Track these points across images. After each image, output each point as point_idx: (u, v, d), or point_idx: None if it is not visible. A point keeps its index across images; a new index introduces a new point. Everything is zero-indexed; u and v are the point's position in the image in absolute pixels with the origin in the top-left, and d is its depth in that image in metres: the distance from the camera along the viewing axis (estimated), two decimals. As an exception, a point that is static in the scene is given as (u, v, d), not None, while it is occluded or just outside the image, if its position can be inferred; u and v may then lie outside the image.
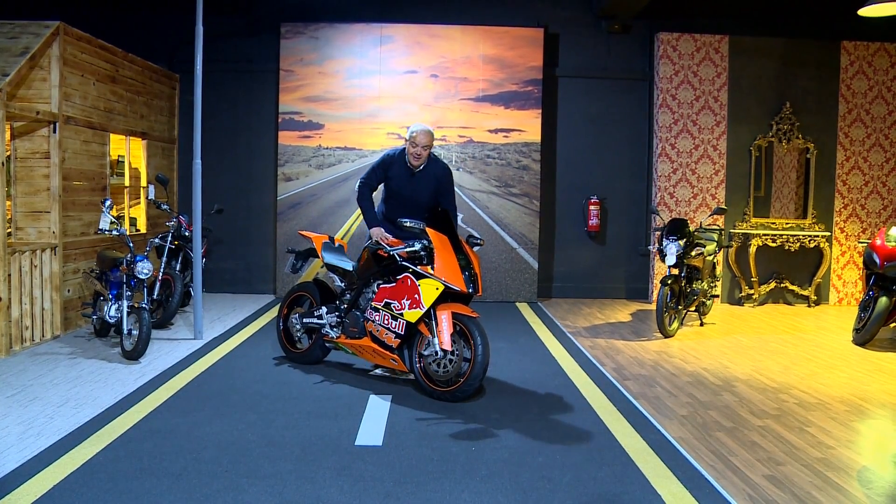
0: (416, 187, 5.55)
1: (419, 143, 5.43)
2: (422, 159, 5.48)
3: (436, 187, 5.56)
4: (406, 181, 5.55)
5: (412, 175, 5.54)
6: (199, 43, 6.62)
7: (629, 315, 8.66)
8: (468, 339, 4.91)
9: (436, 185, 5.56)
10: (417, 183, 5.55)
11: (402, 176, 5.54)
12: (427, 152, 5.48)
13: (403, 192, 5.55)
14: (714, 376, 5.81)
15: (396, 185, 5.56)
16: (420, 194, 5.55)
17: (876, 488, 3.63)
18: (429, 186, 5.56)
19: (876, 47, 9.61)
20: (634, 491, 3.52)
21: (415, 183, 5.55)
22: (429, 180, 5.56)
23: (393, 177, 5.56)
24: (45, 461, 3.73)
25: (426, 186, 5.55)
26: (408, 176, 5.55)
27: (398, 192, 5.57)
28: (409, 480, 3.60)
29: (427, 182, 5.56)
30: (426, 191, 5.55)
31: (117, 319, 6.04)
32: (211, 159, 8.99)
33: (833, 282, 9.79)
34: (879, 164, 9.72)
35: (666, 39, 9.50)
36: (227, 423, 4.41)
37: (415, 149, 5.45)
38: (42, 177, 6.72)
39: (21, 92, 6.49)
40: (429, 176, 5.56)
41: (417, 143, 5.44)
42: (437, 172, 5.59)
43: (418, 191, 5.55)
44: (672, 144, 9.53)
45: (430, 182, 5.56)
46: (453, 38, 9.43)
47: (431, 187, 5.56)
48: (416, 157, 5.47)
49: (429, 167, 5.57)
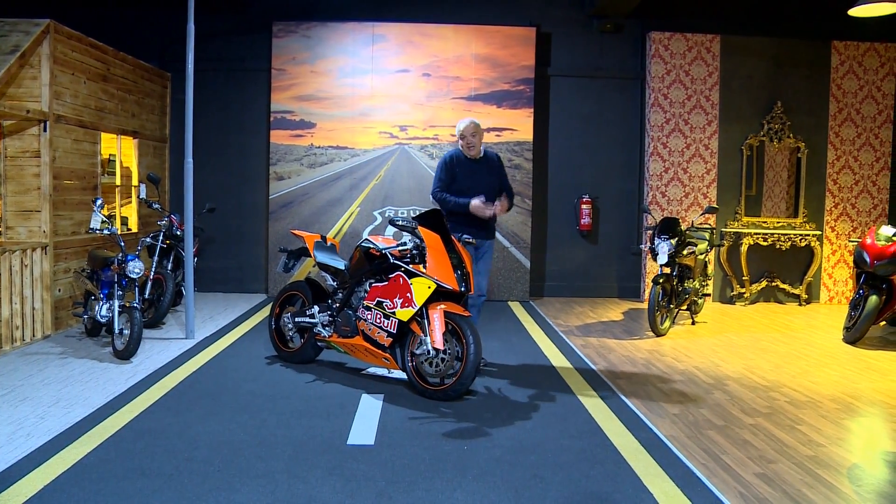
0: (483, 175, 5.86)
1: (467, 134, 5.79)
2: (476, 148, 5.83)
3: (498, 172, 5.97)
4: (472, 172, 5.83)
5: (476, 163, 5.87)
6: (191, 41, 6.60)
7: (621, 314, 8.68)
8: (460, 338, 4.91)
9: (498, 170, 5.98)
10: (482, 170, 5.88)
11: (466, 169, 5.84)
12: (477, 139, 5.81)
13: (473, 182, 5.79)
14: (706, 375, 5.83)
15: (465, 178, 5.81)
16: (489, 180, 5.86)
17: (866, 486, 3.65)
18: (492, 172, 5.92)
19: (866, 47, 9.66)
20: (626, 489, 3.53)
21: (480, 171, 5.87)
22: (490, 166, 5.94)
23: (459, 173, 5.82)
24: (36, 461, 3.71)
25: (490, 171, 5.90)
26: (472, 167, 5.85)
27: (470, 184, 5.78)
28: (402, 479, 3.60)
29: (489, 168, 5.92)
30: (491, 175, 5.90)
31: (108, 319, 6.02)
32: (202, 158, 8.97)
33: (824, 280, 9.84)
34: (869, 164, 9.77)
35: (658, 39, 9.52)
36: (219, 423, 4.40)
37: (465, 140, 5.80)
38: (32, 176, 6.68)
39: (11, 90, 6.45)
40: (489, 163, 5.95)
41: (466, 135, 5.79)
42: (493, 160, 6.00)
43: (486, 177, 5.87)
44: (664, 143, 9.56)
45: (493, 167, 5.94)
46: (445, 37, 9.42)
47: (495, 172, 5.93)
48: (471, 146, 5.80)
49: (486, 156, 5.96)
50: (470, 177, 5.81)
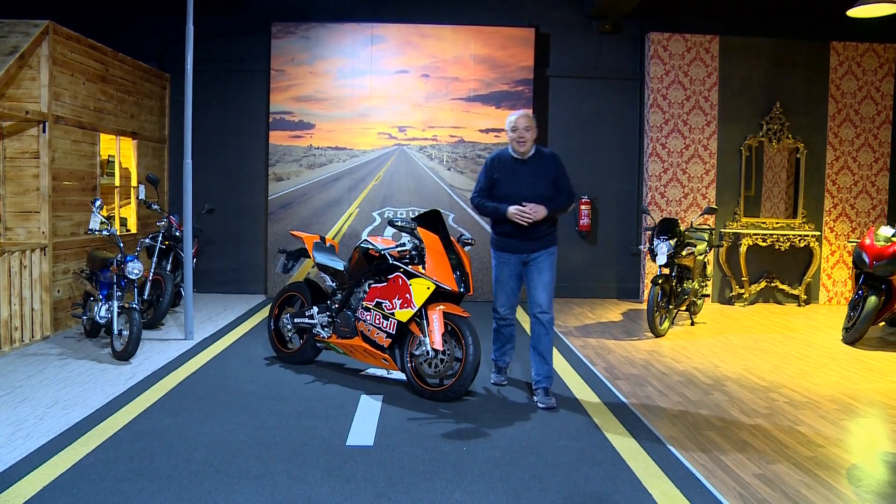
0: (528, 178, 5.02)
1: (520, 126, 5.00)
2: (528, 144, 5.01)
3: (554, 173, 5.05)
4: (516, 175, 5.04)
5: (523, 164, 5.06)
6: (190, 42, 6.61)
7: (620, 315, 8.68)
8: (459, 338, 4.91)
9: (554, 170, 5.06)
10: (529, 172, 5.04)
11: (509, 172, 5.07)
12: (531, 135, 5.00)
13: (516, 187, 5.00)
14: (705, 375, 5.83)
15: (507, 183, 5.05)
16: (536, 183, 5.01)
17: (865, 486, 3.65)
18: (541, 174, 5.04)
19: (865, 48, 9.67)
20: (625, 490, 3.53)
21: (526, 173, 5.04)
22: (541, 167, 5.06)
23: (501, 178, 5.07)
24: (35, 463, 3.71)
25: (539, 173, 5.04)
26: (516, 169, 5.06)
27: (512, 189, 5.01)
28: (401, 480, 3.60)
29: (539, 169, 5.05)
30: (539, 178, 5.03)
31: (107, 320, 6.02)
32: (201, 159, 8.96)
33: (823, 281, 9.84)
34: (868, 164, 9.77)
35: (657, 39, 9.53)
36: (218, 424, 4.40)
37: (515, 133, 5.00)
38: (31, 177, 6.68)
39: (10, 91, 6.45)
40: (541, 163, 5.08)
41: (518, 127, 5.00)
42: (547, 160, 5.11)
43: (533, 180, 5.02)
44: (663, 144, 9.56)
45: (544, 169, 5.05)
46: (444, 38, 9.43)
47: (545, 174, 5.04)
48: (521, 141, 4.99)
49: (538, 155, 5.11)
50: (512, 181, 5.02)
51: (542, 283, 5.03)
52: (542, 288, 5.03)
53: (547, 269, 5.05)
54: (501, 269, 5.15)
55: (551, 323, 5.05)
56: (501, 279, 5.17)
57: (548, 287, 5.04)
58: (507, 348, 5.42)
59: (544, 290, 5.02)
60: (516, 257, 5.09)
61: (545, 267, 5.06)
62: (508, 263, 5.12)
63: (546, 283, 5.03)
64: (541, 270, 5.05)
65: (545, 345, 5.04)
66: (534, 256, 5.05)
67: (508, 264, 5.12)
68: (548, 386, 5.03)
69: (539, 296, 5.02)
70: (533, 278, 5.06)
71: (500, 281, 5.17)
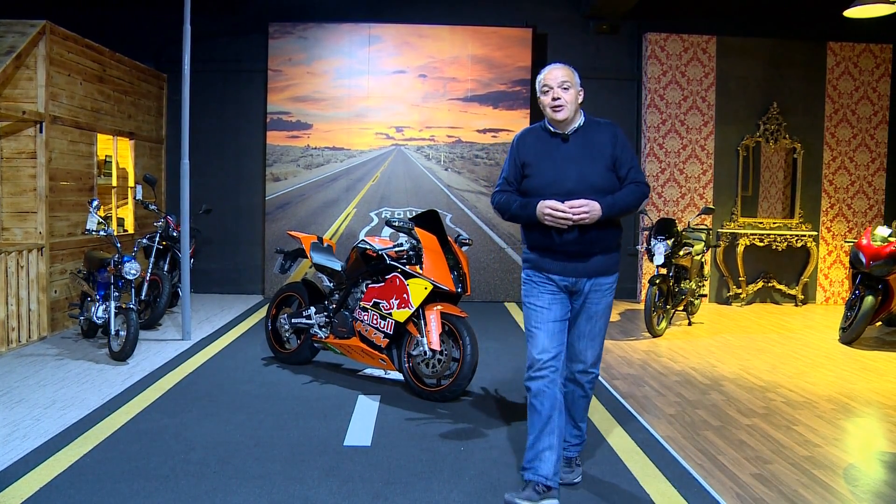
0: (574, 158, 3.34)
1: (553, 82, 3.34)
2: (568, 108, 3.32)
3: (613, 153, 3.33)
4: (556, 155, 3.37)
5: (564, 140, 3.38)
6: (187, 42, 6.60)
7: (617, 315, 8.69)
8: (457, 338, 4.91)
9: (611, 148, 3.34)
10: (576, 151, 3.35)
11: (546, 152, 3.39)
12: (570, 95, 3.33)
13: (557, 172, 3.33)
14: (702, 375, 5.84)
15: (543, 167, 3.37)
16: (584, 166, 3.32)
17: (862, 486, 3.66)
18: (594, 153, 3.33)
19: (861, 48, 9.68)
20: (623, 490, 3.53)
21: (572, 153, 3.35)
22: (593, 145, 3.35)
23: (535, 162, 3.39)
24: (32, 463, 3.70)
25: (589, 153, 3.34)
26: (556, 146, 3.38)
27: (552, 177, 3.33)
28: (398, 481, 3.60)
29: (591, 147, 3.35)
30: (592, 159, 3.33)
31: (105, 320, 6.01)
32: (199, 159, 8.96)
33: (820, 281, 9.86)
34: (865, 164, 9.79)
35: (654, 40, 9.54)
36: (216, 424, 4.39)
37: (548, 96, 3.34)
38: (28, 177, 6.67)
39: (7, 91, 6.44)
40: (593, 139, 3.37)
41: (551, 85, 3.34)
42: (602, 133, 3.39)
43: (580, 162, 3.33)
44: (660, 144, 9.57)
45: (597, 147, 3.35)
46: (442, 38, 9.43)
47: (600, 153, 3.33)
48: (557, 106, 3.31)
49: (588, 126, 3.41)
50: (549, 166, 3.35)
51: (592, 333, 3.46)
52: (591, 339, 3.47)
53: (602, 314, 3.46)
54: (537, 295, 3.41)
55: (594, 383, 3.58)
56: (537, 309, 3.39)
57: (598, 338, 3.49)
58: (551, 430, 3.29)
59: (593, 343, 3.47)
60: (559, 279, 3.38)
61: (600, 309, 3.45)
62: (546, 286, 3.40)
63: (597, 334, 3.48)
64: (591, 315, 3.43)
65: (580, 409, 3.60)
66: (584, 288, 3.39)
67: (547, 288, 3.40)
68: (573, 456, 3.64)
69: (584, 350, 3.47)
70: (579, 323, 3.45)
71: (537, 312, 3.39)
